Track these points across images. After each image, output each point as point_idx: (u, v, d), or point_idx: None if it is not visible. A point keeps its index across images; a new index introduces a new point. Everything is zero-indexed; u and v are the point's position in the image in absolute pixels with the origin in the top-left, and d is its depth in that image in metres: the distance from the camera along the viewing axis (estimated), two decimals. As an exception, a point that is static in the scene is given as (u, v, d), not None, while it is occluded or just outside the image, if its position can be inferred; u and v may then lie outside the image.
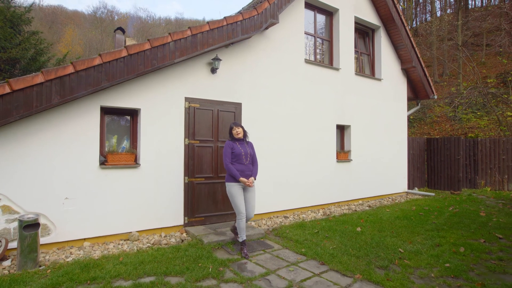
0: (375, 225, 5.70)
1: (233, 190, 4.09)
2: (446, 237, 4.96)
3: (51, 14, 44.71)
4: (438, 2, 30.22)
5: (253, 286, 3.15)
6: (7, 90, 3.45)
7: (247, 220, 4.12)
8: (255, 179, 4.19)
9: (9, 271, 3.42)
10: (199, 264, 3.64)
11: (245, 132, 4.30)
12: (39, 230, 3.55)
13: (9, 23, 6.03)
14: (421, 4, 33.29)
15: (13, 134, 3.80)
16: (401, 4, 24.63)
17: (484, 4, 29.83)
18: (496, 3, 26.29)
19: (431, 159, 10.47)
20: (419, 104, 10.07)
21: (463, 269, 3.65)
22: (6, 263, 3.56)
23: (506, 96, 14.53)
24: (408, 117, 18.47)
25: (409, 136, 18.88)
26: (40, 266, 3.51)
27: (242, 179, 4.04)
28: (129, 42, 11.47)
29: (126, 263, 3.62)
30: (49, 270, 3.39)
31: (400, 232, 5.26)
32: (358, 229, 5.40)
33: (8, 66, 6.61)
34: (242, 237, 4.17)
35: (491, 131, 15.93)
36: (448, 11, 29.72)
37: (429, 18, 30.47)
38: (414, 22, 31.55)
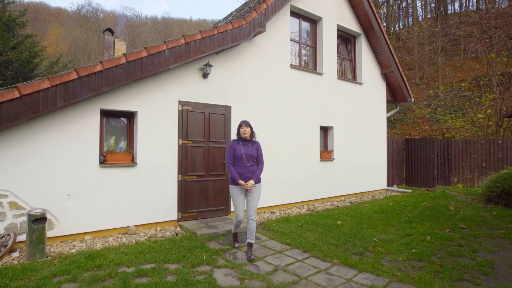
0: (354, 218, 6.21)
1: (234, 192, 4.07)
2: (416, 228, 5.51)
3: (33, 11, 43.67)
4: (419, 8, 31.35)
5: (243, 271, 3.56)
6: (16, 94, 3.74)
7: (248, 217, 4.06)
8: (255, 182, 4.02)
9: (18, 261, 3.72)
10: (194, 253, 4.03)
11: (252, 132, 4.18)
12: (46, 223, 3.86)
13: (5, 26, 6.23)
14: (404, 8, 34.45)
15: (20, 135, 4.08)
16: (384, 10, 25.50)
17: (463, 9, 31.16)
18: (474, 8, 27.63)
19: (409, 158, 11.15)
20: (398, 106, 10.72)
21: (427, 254, 4.18)
22: (15, 254, 3.85)
23: (478, 99, 15.44)
24: (390, 118, 19.27)
25: (390, 136, 19.70)
26: (47, 257, 3.82)
27: (240, 181, 3.96)
28: (118, 43, 11.65)
29: (127, 253, 3.97)
30: (56, 260, 3.70)
31: (376, 224, 5.79)
32: (339, 222, 5.90)
33: (3, 69, 6.79)
34: (235, 230, 4.41)
35: (466, 131, 16.87)
36: (429, 15, 30.90)
37: (411, 21, 31.60)
38: (396, 25, 32.62)
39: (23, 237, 4.09)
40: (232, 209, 6.06)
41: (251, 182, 3.97)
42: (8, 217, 4.02)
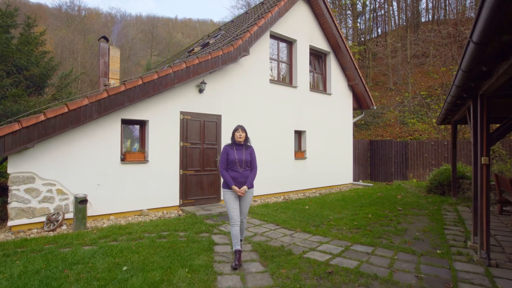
0: (319, 205, 7.83)
1: (227, 196, 3.97)
2: (364, 210, 7.17)
3: (13, 7, 43.02)
4: (397, 17, 33.73)
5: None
6: (66, 110, 5.12)
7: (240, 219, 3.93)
8: (248, 187, 3.95)
9: (68, 231, 5.10)
10: (196, 226, 5.50)
11: (247, 137, 4.12)
12: (87, 204, 5.26)
13: (33, 47, 7.44)
14: (382, 16, 36.75)
15: (64, 139, 5.44)
16: (358, 22, 27.59)
17: (435, 18, 33.65)
18: (442, 18, 30.11)
19: (373, 157, 12.95)
20: (363, 113, 12.48)
21: (364, 225, 5.81)
22: (63, 227, 5.23)
23: (433, 106, 17.52)
24: (360, 121, 21.19)
25: (365, 137, 21.67)
26: (87, 229, 5.21)
27: (234, 187, 3.89)
28: (113, 50, 12.86)
29: (146, 226, 5.41)
30: (95, 231, 5.09)
31: (335, 208, 7.42)
32: (306, 207, 7.50)
33: (25, 80, 8.01)
34: (235, 246, 3.85)
35: (429, 134, 19.00)
36: (405, 23, 33.20)
37: (387, 29, 33.90)
38: (374, 32, 34.83)
39: (67, 216, 5.45)
40: (222, 197, 7.53)
41: (244, 188, 3.90)
42: (56, 200, 5.37)
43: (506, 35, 2.06)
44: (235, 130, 4.05)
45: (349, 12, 30.52)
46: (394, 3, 32.51)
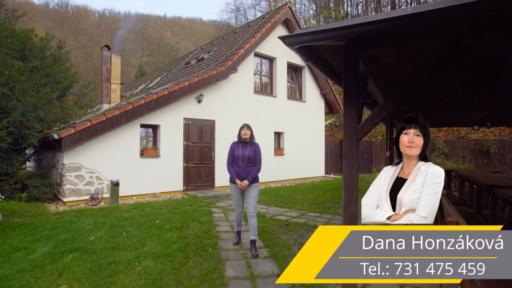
0: (292, 190, 9.98)
1: (231, 189, 4.31)
2: (326, 194, 9.35)
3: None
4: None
5: (224, 209, 7.13)
6: (104, 118, 7.08)
7: (248, 214, 4.22)
8: (248, 182, 4.16)
9: (106, 206, 7.06)
10: (198, 203, 7.55)
11: (252, 135, 4.37)
12: (119, 187, 7.24)
13: (66, 67, 9.29)
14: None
15: (101, 140, 7.39)
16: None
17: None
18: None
19: (342, 154, 15.20)
20: (334, 116, 14.71)
21: (321, 202, 7.96)
22: (102, 203, 7.20)
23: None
24: (336, 122, 23.44)
25: (342, 136, 23.96)
26: (120, 204, 7.18)
27: (237, 181, 4.15)
28: (114, 58, 14.64)
29: (161, 203, 7.42)
30: (126, 206, 7.07)
31: (304, 193, 9.57)
32: (281, 192, 9.63)
33: (60, 93, 9.85)
34: (237, 228, 4.53)
35: (398, 134, 21.46)
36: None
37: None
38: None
39: (103, 195, 7.42)
40: (216, 184, 9.60)
41: (245, 182, 4.13)
42: (95, 184, 7.33)
43: (368, 100, 3.98)
44: (241, 128, 4.30)
45: (331, 20, 32.93)
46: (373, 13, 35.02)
